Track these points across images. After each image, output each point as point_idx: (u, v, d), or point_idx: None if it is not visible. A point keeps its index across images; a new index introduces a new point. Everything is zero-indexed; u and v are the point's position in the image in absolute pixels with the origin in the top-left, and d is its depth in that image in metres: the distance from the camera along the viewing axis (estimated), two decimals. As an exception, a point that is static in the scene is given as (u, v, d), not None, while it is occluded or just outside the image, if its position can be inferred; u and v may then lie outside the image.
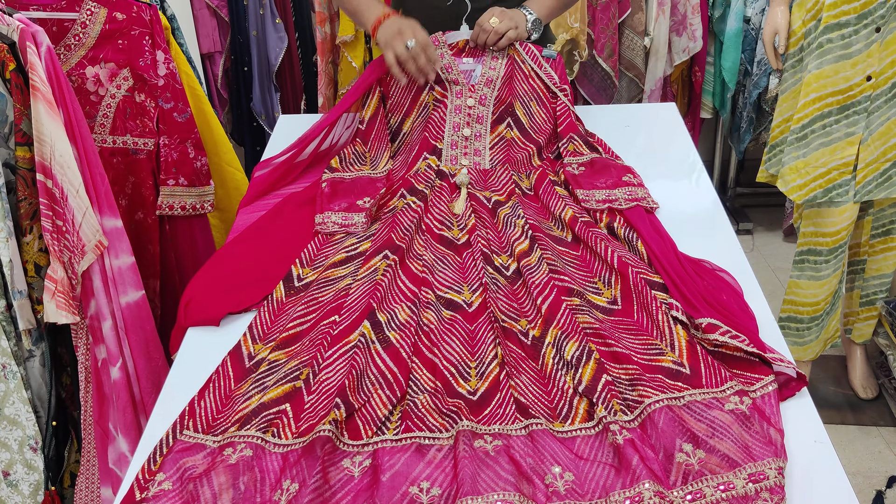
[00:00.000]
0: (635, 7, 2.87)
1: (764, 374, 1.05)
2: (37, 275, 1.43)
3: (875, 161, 1.96)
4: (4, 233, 1.36)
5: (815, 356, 2.27)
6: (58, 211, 1.39)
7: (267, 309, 1.25)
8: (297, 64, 3.01)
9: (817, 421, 1.02)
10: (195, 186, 1.82)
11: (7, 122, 1.35)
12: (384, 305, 1.22)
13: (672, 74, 3.07)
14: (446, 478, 0.95)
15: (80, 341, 1.52)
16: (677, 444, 0.96)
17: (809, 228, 2.11)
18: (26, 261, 1.41)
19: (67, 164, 1.38)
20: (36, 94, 1.33)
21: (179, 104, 1.75)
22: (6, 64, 1.33)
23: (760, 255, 3.16)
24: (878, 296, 2.27)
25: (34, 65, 1.33)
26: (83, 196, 1.41)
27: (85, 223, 1.41)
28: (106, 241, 1.46)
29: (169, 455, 1.00)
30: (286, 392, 1.08)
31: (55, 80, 1.37)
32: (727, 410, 0.99)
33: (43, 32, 1.37)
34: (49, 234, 1.38)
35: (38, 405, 1.53)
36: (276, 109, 2.98)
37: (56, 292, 1.40)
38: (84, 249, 1.42)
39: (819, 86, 1.93)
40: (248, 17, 2.82)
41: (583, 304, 1.21)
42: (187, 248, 1.88)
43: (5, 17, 1.36)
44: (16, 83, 1.34)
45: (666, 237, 1.34)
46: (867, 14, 1.84)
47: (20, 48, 1.35)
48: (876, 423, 2.32)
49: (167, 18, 1.80)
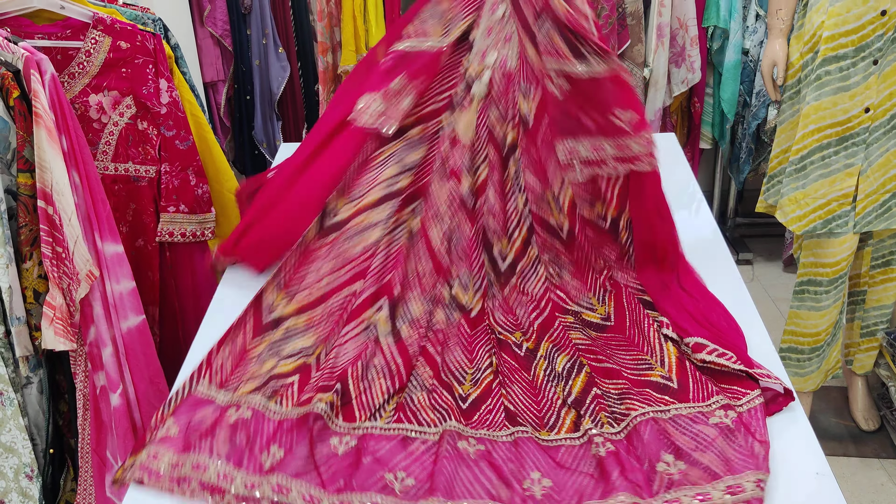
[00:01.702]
0: (634, 39, 2.89)
1: (751, 388, 1.06)
2: (36, 301, 1.43)
3: (874, 192, 1.97)
4: (4, 259, 1.36)
5: (817, 387, 2.26)
6: (57, 237, 1.39)
7: (297, 252, 1.28)
8: (300, 93, 3.03)
9: (819, 453, 1.01)
10: (196, 213, 1.82)
11: (10, 149, 1.36)
12: (405, 291, 1.24)
13: (671, 105, 3.09)
14: (423, 472, 0.98)
15: (79, 368, 1.52)
16: (661, 456, 0.97)
17: (809, 259, 2.12)
18: (25, 287, 1.41)
19: (62, 192, 1.39)
20: (38, 121, 1.35)
21: (181, 132, 1.76)
22: (10, 91, 1.34)
23: (760, 285, 3.16)
24: (879, 327, 2.27)
25: (37, 92, 1.34)
26: (75, 224, 1.41)
27: (76, 252, 1.42)
28: (97, 272, 1.46)
29: (182, 405, 1.09)
30: (297, 367, 1.14)
31: (58, 108, 1.38)
32: (712, 424, 1.00)
33: (47, 61, 1.38)
34: (49, 261, 1.38)
35: (34, 433, 1.52)
36: (277, 137, 3.00)
37: (54, 318, 1.40)
38: (78, 277, 1.42)
39: (818, 117, 1.94)
40: (252, 47, 2.85)
41: (576, 323, 1.22)
42: (187, 275, 1.88)
43: (10, 45, 1.38)
44: (19, 110, 1.35)
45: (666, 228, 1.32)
46: (864, 47, 1.86)
47: (24, 76, 1.36)
48: (878, 454, 2.31)
49: (171, 47, 1.82)
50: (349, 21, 2.64)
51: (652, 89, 2.97)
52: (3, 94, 1.34)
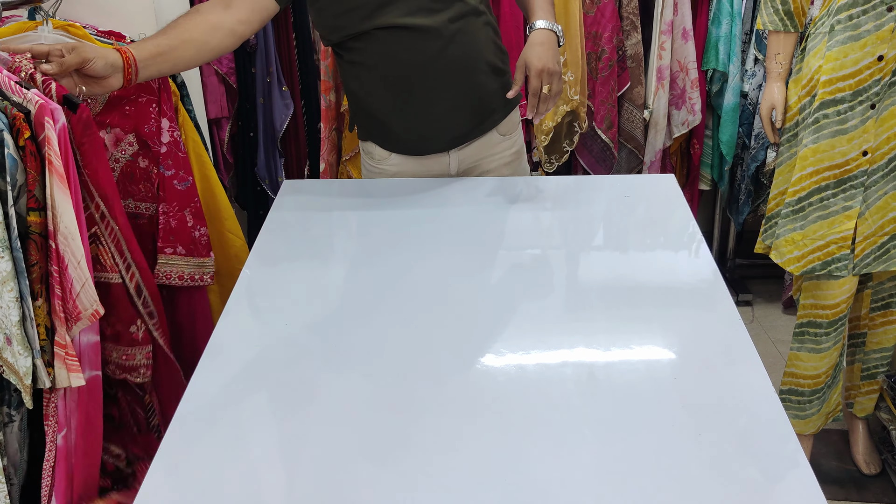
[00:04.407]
0: (635, 81, 2.93)
1: None
2: (47, 338, 1.44)
3: (873, 234, 1.98)
4: (14, 292, 1.37)
5: (817, 430, 2.25)
6: (63, 278, 1.41)
7: None
8: (302, 130, 3.05)
9: (820, 497, 1.00)
10: (193, 256, 1.81)
11: (17, 186, 1.37)
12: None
13: (671, 147, 3.11)
14: None
15: (51, 406, 1.51)
16: None
17: (809, 301, 2.12)
18: (39, 324, 1.42)
19: (72, 237, 1.40)
20: (51, 168, 1.38)
21: (181, 172, 1.77)
22: (21, 131, 1.36)
23: (760, 326, 3.16)
24: (880, 369, 2.26)
25: (51, 140, 1.37)
26: (84, 268, 1.42)
27: (83, 293, 1.43)
28: (102, 310, 1.47)
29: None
30: None
31: (66, 157, 1.42)
32: None
33: (60, 110, 1.41)
34: (58, 301, 1.41)
35: (10, 472, 1.49)
36: (280, 174, 3.01)
37: (66, 357, 1.41)
38: (79, 316, 1.43)
39: (816, 160, 1.95)
40: (256, 85, 2.88)
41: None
42: (185, 316, 1.87)
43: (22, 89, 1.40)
44: (30, 150, 1.37)
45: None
46: (862, 91, 1.88)
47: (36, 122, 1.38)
48: (880, 499, 2.28)
49: (177, 85, 1.84)
50: (352, 61, 2.67)
51: (652, 131, 2.99)
52: (14, 133, 1.36)
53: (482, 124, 1.86)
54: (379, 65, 1.74)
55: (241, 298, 1.47)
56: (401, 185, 1.89)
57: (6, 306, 1.36)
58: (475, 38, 1.75)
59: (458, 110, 1.80)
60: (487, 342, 1.31)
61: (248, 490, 1.03)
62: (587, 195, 1.64)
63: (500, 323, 1.36)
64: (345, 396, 1.19)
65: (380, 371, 1.25)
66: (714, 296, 1.45)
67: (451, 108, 1.79)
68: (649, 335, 1.33)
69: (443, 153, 1.87)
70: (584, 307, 1.41)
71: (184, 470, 1.07)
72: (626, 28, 2.86)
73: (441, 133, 1.83)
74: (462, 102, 1.79)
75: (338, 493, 1.01)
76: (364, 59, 1.74)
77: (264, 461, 1.08)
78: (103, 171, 1.55)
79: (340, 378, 1.24)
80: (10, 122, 1.36)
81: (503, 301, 1.42)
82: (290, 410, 1.17)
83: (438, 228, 1.71)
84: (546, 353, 1.28)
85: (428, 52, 1.70)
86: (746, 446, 1.07)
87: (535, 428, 1.12)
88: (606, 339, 1.32)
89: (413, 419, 1.14)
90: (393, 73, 1.73)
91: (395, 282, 1.52)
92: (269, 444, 1.12)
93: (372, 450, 1.08)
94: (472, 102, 1.81)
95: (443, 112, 1.79)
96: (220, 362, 1.28)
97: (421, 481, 1.03)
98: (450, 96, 1.77)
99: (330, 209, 1.84)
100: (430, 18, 1.68)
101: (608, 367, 1.26)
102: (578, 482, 1.02)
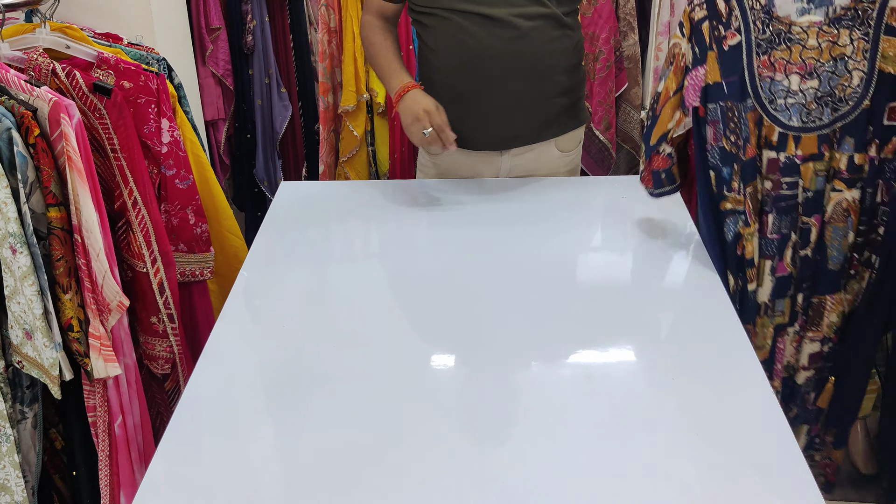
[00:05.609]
0: (632, 82, 2.93)
1: None
2: (81, 329, 1.45)
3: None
4: (36, 286, 1.38)
5: (815, 430, 2.25)
6: (91, 271, 1.45)
7: None
8: (300, 132, 3.06)
9: (819, 497, 1.01)
10: (195, 253, 1.82)
11: (28, 183, 1.39)
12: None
13: (669, 147, 3.11)
14: None
15: (96, 398, 1.53)
16: None
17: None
18: (71, 317, 1.44)
19: (91, 230, 1.42)
20: (71, 164, 1.40)
21: (181, 171, 1.77)
22: (31, 129, 1.38)
23: (758, 326, 3.15)
24: (879, 369, 2.26)
25: (68, 136, 1.39)
26: (103, 260, 1.45)
27: (105, 285, 1.46)
28: (127, 301, 1.51)
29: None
30: None
31: (83, 151, 1.44)
32: None
33: (74, 106, 1.43)
34: (88, 293, 1.44)
35: (25, 469, 1.50)
36: (278, 176, 3.01)
37: (101, 348, 1.44)
38: (109, 307, 1.47)
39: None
40: (254, 87, 2.88)
41: None
42: (185, 313, 1.87)
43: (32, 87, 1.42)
44: (41, 147, 1.39)
45: None
46: None
47: (51, 119, 1.40)
48: (877, 498, 2.28)
49: (175, 87, 1.84)
50: (350, 62, 2.68)
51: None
52: (23, 132, 1.38)
53: (537, 132, 1.85)
54: (448, 48, 1.75)
55: (238, 299, 1.47)
56: (397, 187, 1.90)
57: (28, 300, 1.38)
58: (549, 42, 1.74)
59: (514, 109, 1.79)
60: (485, 343, 1.31)
61: (246, 490, 1.03)
62: (585, 196, 1.65)
63: (498, 323, 1.36)
64: (342, 397, 1.19)
65: (377, 372, 1.25)
66: (712, 296, 1.45)
67: (507, 105, 1.78)
68: (647, 336, 1.33)
69: (495, 153, 1.87)
70: (582, 308, 1.41)
71: (183, 470, 1.07)
72: (623, 29, 2.87)
73: (491, 129, 1.82)
74: (520, 102, 1.78)
75: (335, 493, 1.02)
76: (436, 41, 1.77)
77: (262, 461, 1.09)
78: (137, 157, 1.58)
79: (337, 379, 1.24)
80: (17, 120, 1.37)
81: (500, 301, 1.43)
82: (287, 411, 1.17)
83: (435, 230, 1.71)
84: (543, 354, 1.28)
85: (495, 43, 1.71)
86: (744, 447, 1.07)
87: (532, 429, 1.12)
88: (604, 339, 1.32)
89: (410, 420, 1.14)
90: (460, 58, 1.74)
91: (392, 283, 1.52)
92: (267, 444, 1.12)
93: (368, 450, 1.09)
94: (530, 105, 1.80)
95: (498, 106, 1.78)
96: (217, 363, 1.28)
97: (418, 482, 1.03)
98: (508, 92, 1.76)
99: (327, 211, 1.84)
100: (505, 10, 1.69)
101: (606, 367, 1.26)
102: (577, 483, 1.02)
